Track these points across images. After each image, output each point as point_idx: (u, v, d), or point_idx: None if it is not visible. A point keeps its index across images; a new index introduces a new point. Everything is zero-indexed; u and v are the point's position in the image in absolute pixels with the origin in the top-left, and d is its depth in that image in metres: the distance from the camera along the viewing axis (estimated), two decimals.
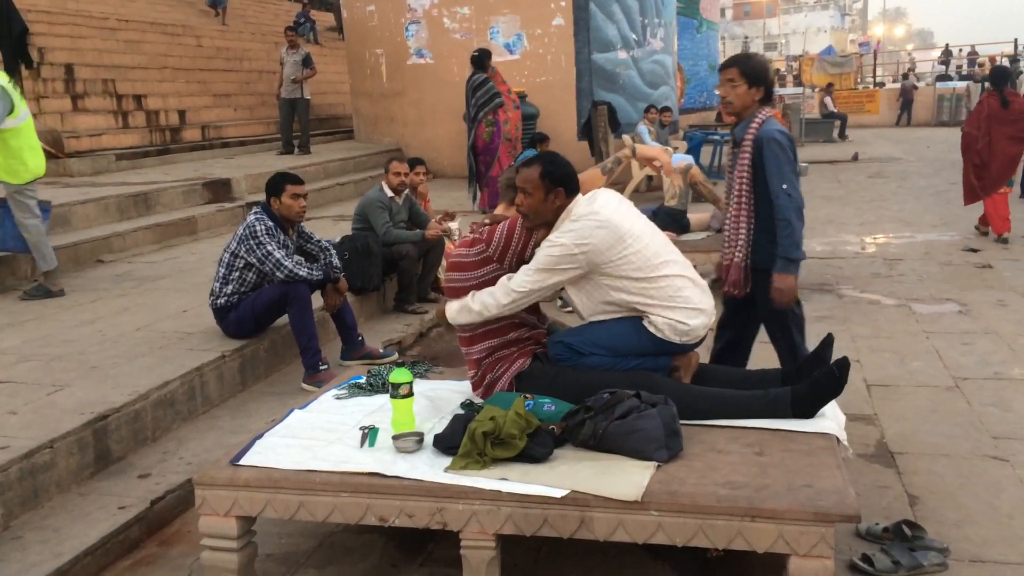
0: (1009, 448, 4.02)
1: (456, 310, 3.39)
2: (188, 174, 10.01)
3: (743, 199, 3.83)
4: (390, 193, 6.44)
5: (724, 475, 2.78)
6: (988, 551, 3.16)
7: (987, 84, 9.39)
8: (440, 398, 3.56)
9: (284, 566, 3.23)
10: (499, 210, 3.55)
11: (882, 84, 31.35)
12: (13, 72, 10.48)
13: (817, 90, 25.44)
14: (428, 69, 13.67)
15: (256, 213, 4.82)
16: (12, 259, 6.35)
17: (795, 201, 3.76)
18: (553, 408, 3.13)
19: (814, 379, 3.25)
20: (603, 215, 3.25)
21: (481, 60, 10.14)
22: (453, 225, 6.38)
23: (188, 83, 14.78)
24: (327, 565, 3.23)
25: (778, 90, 25.92)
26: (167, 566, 3.25)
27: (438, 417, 3.31)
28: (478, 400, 3.44)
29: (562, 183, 3.32)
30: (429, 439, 3.07)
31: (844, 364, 3.23)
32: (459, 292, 3.42)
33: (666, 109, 13.98)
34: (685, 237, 7.19)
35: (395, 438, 3.06)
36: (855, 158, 17.17)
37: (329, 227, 8.57)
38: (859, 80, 30.82)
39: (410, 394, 3.18)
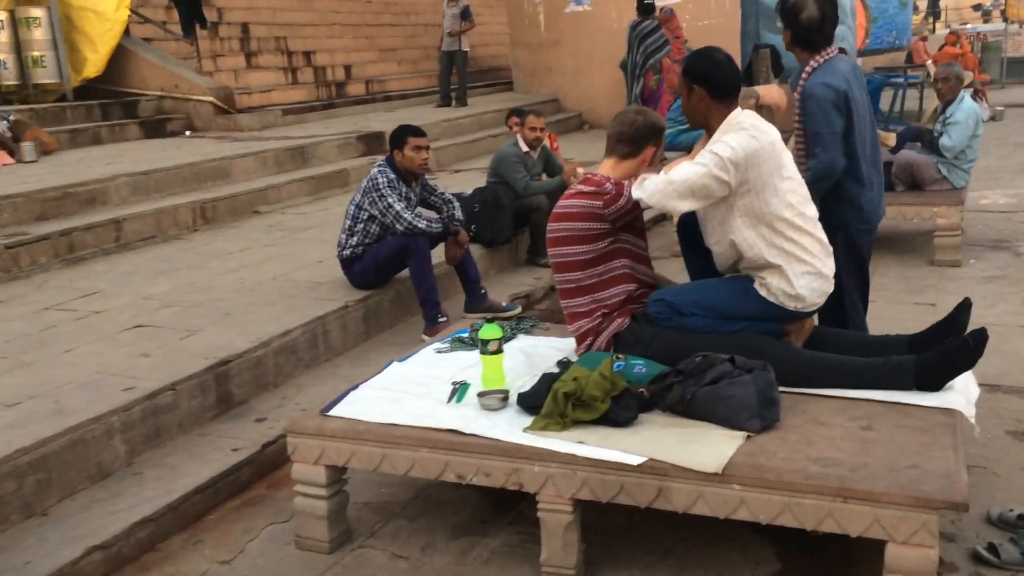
0: None
1: (637, 181, 3.12)
2: (346, 127, 10.32)
3: (800, 157, 3.57)
4: (525, 148, 6.36)
5: (820, 450, 2.56)
6: None
7: None
8: (538, 355, 3.48)
9: (379, 515, 3.28)
10: (603, 168, 3.35)
11: None
12: (189, 32, 11.15)
13: None
14: (586, 17, 13.39)
15: (380, 166, 4.88)
16: (175, 210, 6.78)
17: (822, 166, 3.48)
18: (644, 371, 2.98)
19: (945, 348, 2.93)
20: (771, 134, 3.04)
21: (649, 6, 9.86)
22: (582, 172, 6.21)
23: (356, 39, 15.21)
24: (419, 517, 3.26)
25: (978, 27, 23.70)
26: (272, 508, 3.39)
27: (531, 375, 3.24)
28: (576, 358, 3.33)
29: (702, 81, 3.08)
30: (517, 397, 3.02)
31: (981, 336, 2.89)
32: (558, 243, 3.28)
33: (840, 51, 13.04)
34: None
35: (480, 395, 3.02)
36: None
37: (477, 178, 8.59)
38: None
39: (499, 350, 3.11)
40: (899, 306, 5.25)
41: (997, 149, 10.90)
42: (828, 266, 3.09)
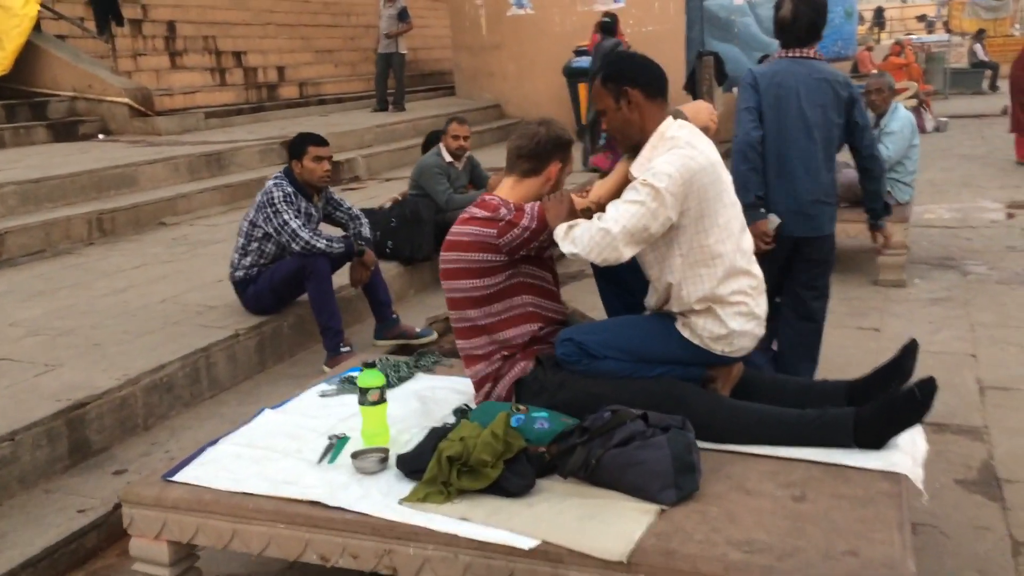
0: None
1: (562, 231, 2.65)
2: (273, 132, 9.76)
3: None
4: (448, 158, 5.93)
5: (744, 530, 2.16)
6: None
7: None
8: (435, 399, 3.06)
9: None
10: (502, 188, 2.92)
11: None
12: (104, 29, 10.51)
13: (967, 37, 23.25)
14: (528, 20, 13.00)
15: (276, 178, 4.41)
16: (67, 221, 6.22)
17: (735, 141, 3.65)
18: (547, 426, 2.56)
19: (888, 400, 2.55)
20: (709, 153, 2.63)
21: (611, 26, 9.63)
22: None
23: (291, 39, 14.63)
24: None
25: (922, 38, 23.91)
26: None
27: (422, 426, 2.79)
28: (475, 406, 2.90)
29: (631, 82, 2.65)
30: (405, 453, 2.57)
31: (929, 387, 2.51)
32: (449, 275, 2.86)
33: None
34: None
35: (355, 456, 2.57)
36: (1005, 112, 15.46)
37: (406, 186, 8.14)
38: (1015, 24, 28.07)
39: (381, 400, 2.68)
40: (842, 330, 4.92)
41: (941, 161, 10.75)
42: (761, 305, 2.70)
